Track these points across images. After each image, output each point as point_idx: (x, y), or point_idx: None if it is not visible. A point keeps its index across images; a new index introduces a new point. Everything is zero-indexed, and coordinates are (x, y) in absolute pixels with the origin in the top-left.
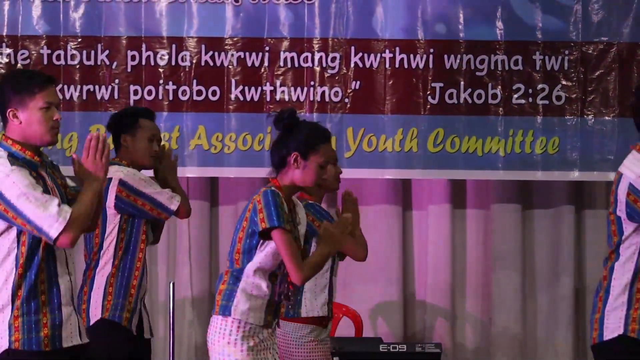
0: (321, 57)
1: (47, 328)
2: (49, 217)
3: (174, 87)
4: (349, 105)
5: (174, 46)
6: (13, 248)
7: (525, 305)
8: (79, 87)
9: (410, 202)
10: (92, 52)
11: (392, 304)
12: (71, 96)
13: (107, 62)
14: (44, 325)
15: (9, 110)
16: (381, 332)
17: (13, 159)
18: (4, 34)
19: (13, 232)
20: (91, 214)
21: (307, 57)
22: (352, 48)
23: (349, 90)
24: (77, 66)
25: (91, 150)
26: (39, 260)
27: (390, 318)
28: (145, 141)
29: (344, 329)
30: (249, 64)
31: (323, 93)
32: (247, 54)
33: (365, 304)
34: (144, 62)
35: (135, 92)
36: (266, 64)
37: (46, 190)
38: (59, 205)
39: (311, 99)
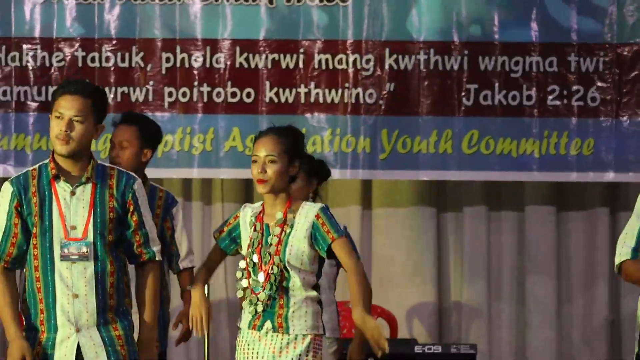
0: (355, 59)
1: (41, 347)
2: None
3: (209, 89)
4: (383, 107)
5: (208, 48)
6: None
7: (561, 308)
8: (113, 89)
9: (445, 204)
10: (127, 54)
11: (427, 305)
12: None
13: (142, 64)
14: (39, 342)
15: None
16: (416, 333)
17: (36, 170)
18: (39, 36)
19: None
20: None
21: (341, 59)
22: (387, 50)
23: (383, 92)
24: (112, 68)
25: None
26: (32, 276)
27: (426, 319)
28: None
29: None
30: (283, 66)
31: (357, 95)
32: (282, 56)
33: (401, 305)
34: (178, 64)
35: (170, 94)
36: (300, 66)
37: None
38: None
39: (345, 101)
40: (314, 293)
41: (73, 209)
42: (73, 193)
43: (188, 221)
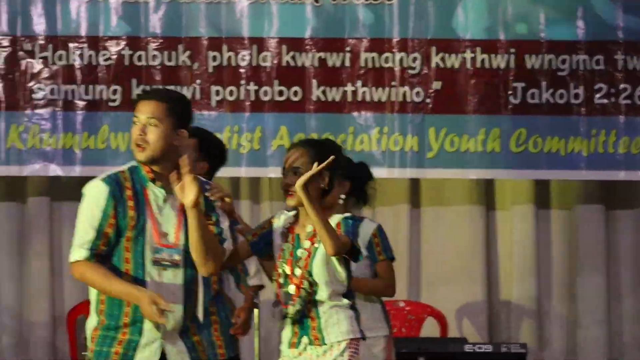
0: (402, 57)
1: (121, 346)
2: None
3: (256, 87)
4: (430, 106)
5: (255, 47)
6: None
7: (611, 306)
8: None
9: (494, 203)
10: (174, 53)
11: (477, 304)
12: None
13: (189, 63)
14: (118, 342)
15: None
16: (466, 333)
17: (125, 172)
18: (85, 35)
19: None
20: None
21: (387, 57)
22: (433, 48)
23: (430, 91)
24: (159, 67)
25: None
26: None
27: (475, 318)
28: None
29: (429, 329)
30: (330, 64)
31: (404, 93)
32: (328, 54)
33: (450, 304)
34: (225, 63)
35: (217, 93)
36: (347, 64)
37: (108, 215)
38: (88, 241)
39: (392, 99)
40: (344, 301)
41: (165, 216)
42: (165, 200)
43: None
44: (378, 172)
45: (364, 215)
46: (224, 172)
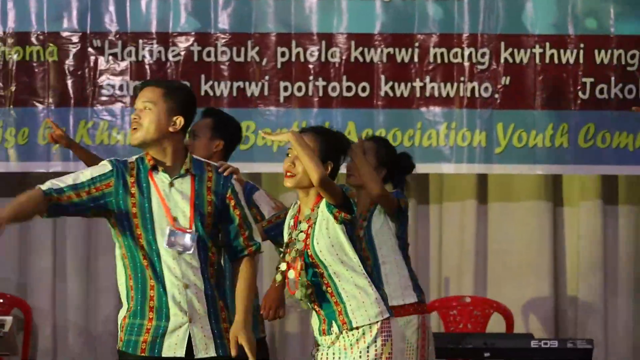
0: (471, 52)
1: (149, 334)
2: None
3: (324, 83)
4: (499, 101)
5: (323, 42)
6: (118, 246)
7: None
8: (228, 83)
9: (561, 198)
10: (242, 49)
11: (543, 300)
12: (221, 93)
13: (257, 59)
14: (146, 330)
15: None
16: (532, 328)
17: (133, 162)
18: (154, 31)
19: (112, 231)
20: None
21: (456, 52)
22: (502, 43)
23: (499, 86)
24: (227, 63)
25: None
26: (141, 265)
27: (542, 314)
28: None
29: (495, 324)
30: (399, 60)
31: (473, 89)
32: (397, 49)
33: (517, 300)
34: (293, 59)
35: (285, 89)
36: (416, 60)
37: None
38: (60, 184)
39: (461, 94)
40: (364, 280)
41: (173, 201)
42: (172, 184)
43: None
44: (446, 168)
45: None
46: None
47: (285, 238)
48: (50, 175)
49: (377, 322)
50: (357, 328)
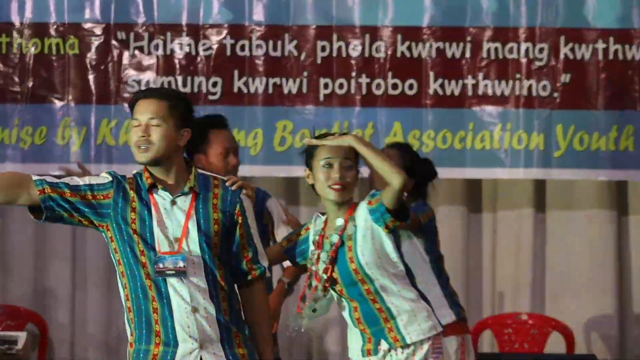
0: (528, 48)
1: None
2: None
3: (368, 80)
4: (558, 100)
5: (367, 36)
6: (115, 262)
7: None
8: (264, 80)
9: (626, 206)
10: (279, 42)
11: (606, 318)
12: (256, 90)
13: (295, 53)
14: (153, 356)
15: None
16: (595, 349)
17: (132, 178)
18: (184, 22)
19: (110, 247)
20: None
21: (512, 47)
22: (562, 38)
23: (558, 84)
24: (263, 57)
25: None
26: (143, 285)
27: (605, 333)
28: (219, 157)
29: (555, 344)
30: (449, 55)
31: (530, 87)
32: (447, 44)
33: (578, 318)
34: (335, 54)
35: (326, 86)
36: (467, 55)
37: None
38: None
39: (517, 93)
40: (411, 293)
41: (176, 220)
42: (174, 202)
43: None
44: (500, 173)
45: None
46: None
47: (309, 255)
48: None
49: (429, 337)
50: (409, 345)
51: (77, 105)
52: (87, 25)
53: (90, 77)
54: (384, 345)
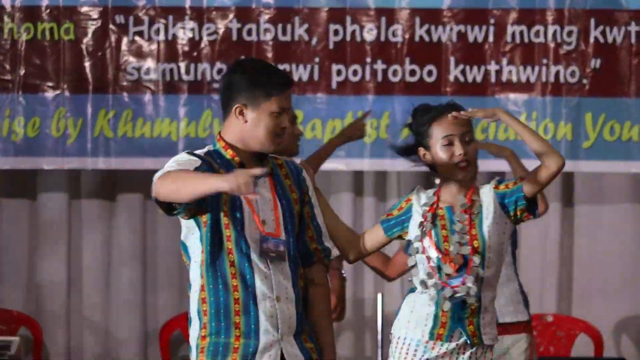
0: (555, 30)
1: (238, 354)
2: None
3: (384, 66)
4: (587, 87)
5: (383, 19)
6: (197, 248)
7: None
8: None
9: None
10: (289, 26)
11: (637, 320)
12: None
13: (306, 38)
14: (234, 350)
15: (237, 106)
16: (625, 352)
17: (206, 155)
18: (187, 5)
19: (197, 233)
20: None
21: (539, 30)
22: (592, 20)
23: (587, 70)
24: (271, 42)
25: None
26: (226, 273)
27: (636, 336)
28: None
29: (583, 347)
30: (471, 39)
31: (557, 73)
32: (469, 27)
33: (607, 320)
34: (348, 38)
35: (339, 72)
36: (491, 39)
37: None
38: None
39: (543, 79)
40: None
41: (266, 203)
42: (255, 184)
43: (359, 219)
44: (525, 164)
45: None
46: (345, 165)
47: (413, 233)
48: (64, 172)
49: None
50: (482, 347)
51: (73, 94)
52: (83, 9)
53: (87, 64)
54: (460, 336)
